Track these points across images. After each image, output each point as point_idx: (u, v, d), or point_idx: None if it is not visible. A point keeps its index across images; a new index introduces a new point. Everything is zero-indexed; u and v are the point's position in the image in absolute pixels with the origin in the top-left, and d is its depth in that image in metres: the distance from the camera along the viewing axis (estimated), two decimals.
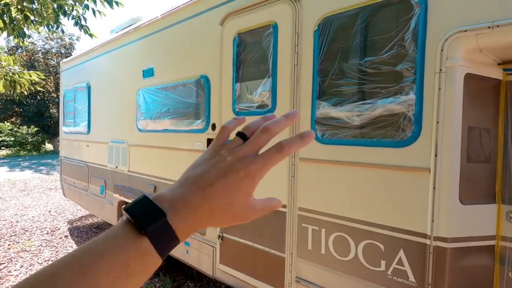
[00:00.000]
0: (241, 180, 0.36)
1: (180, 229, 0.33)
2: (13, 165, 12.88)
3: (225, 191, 0.36)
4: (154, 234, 0.32)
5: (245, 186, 0.37)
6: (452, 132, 1.28)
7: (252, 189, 0.37)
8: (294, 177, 1.80)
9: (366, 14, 1.50)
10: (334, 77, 1.63)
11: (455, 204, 1.28)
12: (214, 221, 0.36)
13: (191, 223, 0.35)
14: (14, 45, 19.28)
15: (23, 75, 3.74)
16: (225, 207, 0.36)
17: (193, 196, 0.35)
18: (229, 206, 0.36)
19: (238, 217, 0.37)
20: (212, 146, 0.41)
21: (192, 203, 0.35)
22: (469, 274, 1.34)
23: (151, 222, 0.32)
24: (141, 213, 0.33)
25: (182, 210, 0.34)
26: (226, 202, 0.36)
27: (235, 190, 0.36)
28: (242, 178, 0.36)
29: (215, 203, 0.35)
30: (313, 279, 1.74)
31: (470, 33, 1.21)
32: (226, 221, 0.37)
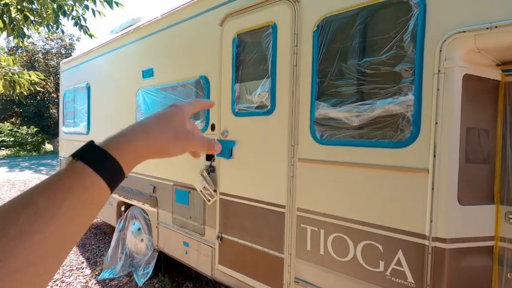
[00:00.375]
0: (170, 109, 0.45)
1: (112, 147, 0.37)
2: (13, 165, 12.88)
3: (158, 117, 0.44)
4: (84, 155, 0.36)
5: (174, 112, 0.45)
6: (450, 133, 1.28)
7: (182, 116, 0.45)
8: (293, 177, 1.80)
9: (365, 15, 1.51)
10: (333, 78, 1.63)
11: (453, 205, 1.28)
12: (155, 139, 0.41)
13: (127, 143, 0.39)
14: (14, 45, 19.29)
15: (23, 76, 3.75)
16: (161, 126, 0.42)
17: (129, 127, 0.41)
18: (164, 124, 0.43)
19: (181, 135, 0.44)
20: None
21: (126, 129, 0.41)
22: (467, 275, 1.34)
23: (81, 149, 0.36)
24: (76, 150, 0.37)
25: (114, 135, 0.39)
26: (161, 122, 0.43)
27: (166, 114, 0.44)
28: (170, 108, 0.46)
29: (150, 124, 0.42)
30: (312, 279, 1.74)
31: (469, 34, 1.21)
32: (169, 137, 0.42)
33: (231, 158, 2.13)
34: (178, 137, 0.44)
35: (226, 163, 2.17)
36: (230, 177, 2.16)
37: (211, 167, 2.31)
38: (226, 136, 2.16)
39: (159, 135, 0.41)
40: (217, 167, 2.24)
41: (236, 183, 2.12)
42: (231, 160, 2.14)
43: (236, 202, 2.12)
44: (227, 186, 2.18)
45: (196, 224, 2.47)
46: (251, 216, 2.02)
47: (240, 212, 2.09)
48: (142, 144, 0.40)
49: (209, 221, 2.36)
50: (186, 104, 0.48)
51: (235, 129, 2.12)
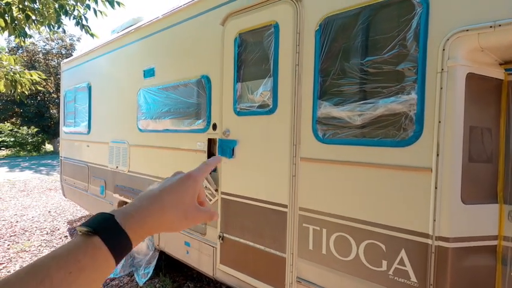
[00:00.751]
0: (185, 181, 0.45)
1: (130, 227, 0.38)
2: (13, 165, 12.88)
3: (172, 190, 0.44)
4: (103, 231, 0.37)
5: (188, 185, 0.45)
6: (454, 132, 1.27)
7: (195, 189, 0.46)
8: (295, 177, 1.80)
9: (367, 14, 1.50)
10: (335, 77, 1.63)
11: (457, 204, 1.28)
12: (166, 220, 0.42)
13: (142, 221, 0.40)
14: (15, 45, 19.31)
15: (24, 75, 3.75)
16: (174, 204, 0.43)
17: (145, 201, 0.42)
18: (177, 203, 0.43)
19: (190, 216, 0.44)
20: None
21: (143, 205, 0.41)
22: (471, 274, 1.33)
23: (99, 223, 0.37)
24: (91, 221, 0.38)
25: (132, 211, 0.40)
26: (175, 199, 0.43)
27: (181, 189, 0.44)
28: (185, 180, 0.45)
29: (165, 202, 0.42)
30: (314, 279, 1.74)
31: (472, 32, 1.21)
32: (178, 219, 0.43)
33: (233, 157, 2.13)
34: (187, 216, 0.44)
35: (227, 162, 2.17)
36: (232, 176, 2.16)
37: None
38: (228, 135, 2.16)
39: (172, 214, 0.43)
40: (219, 167, 2.24)
41: (238, 183, 2.12)
42: (232, 159, 2.13)
43: (238, 201, 2.11)
44: (229, 185, 2.17)
45: (197, 224, 2.46)
46: (253, 215, 2.02)
47: (241, 212, 2.09)
48: (155, 224, 0.42)
49: None
50: (200, 172, 0.48)
51: (237, 129, 2.11)
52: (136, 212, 0.41)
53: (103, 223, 0.38)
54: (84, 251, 0.35)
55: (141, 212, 0.41)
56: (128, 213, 0.40)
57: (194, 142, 2.45)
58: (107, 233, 0.37)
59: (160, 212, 0.42)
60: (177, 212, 0.43)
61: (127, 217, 0.39)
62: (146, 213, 0.41)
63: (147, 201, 0.42)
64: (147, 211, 0.41)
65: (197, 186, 0.46)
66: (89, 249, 0.35)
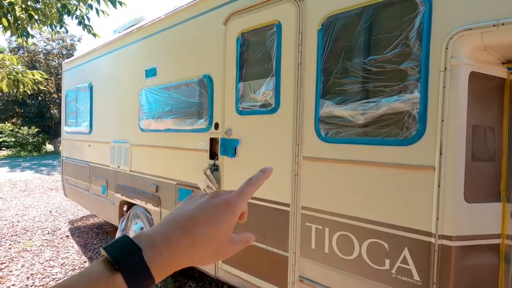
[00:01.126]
0: (222, 211, 0.38)
1: (156, 265, 0.33)
2: (14, 165, 12.89)
3: (206, 222, 0.37)
4: (127, 269, 0.32)
5: (226, 217, 0.38)
6: (457, 131, 1.28)
7: (233, 221, 0.39)
8: (297, 176, 1.80)
9: (370, 13, 1.51)
10: (338, 76, 1.63)
11: (460, 202, 1.28)
12: (196, 257, 0.36)
13: (170, 259, 0.35)
14: (16, 45, 19.34)
15: (26, 75, 3.76)
16: (207, 240, 0.37)
17: (174, 231, 0.36)
18: (211, 238, 0.37)
19: (220, 252, 0.38)
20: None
21: (172, 237, 0.35)
22: (474, 273, 1.33)
23: (125, 257, 0.32)
24: (116, 249, 0.33)
25: (161, 246, 0.34)
26: (208, 234, 0.37)
27: (216, 220, 0.37)
28: (223, 209, 0.38)
29: (197, 236, 0.36)
30: (317, 278, 1.74)
31: (475, 31, 1.21)
32: (208, 255, 0.37)
33: (235, 156, 2.13)
34: (217, 254, 0.38)
35: (230, 162, 2.17)
36: (234, 175, 2.16)
37: (215, 166, 2.31)
38: (230, 135, 2.17)
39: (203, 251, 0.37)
40: (221, 166, 2.24)
41: (240, 182, 2.09)
42: (234, 159, 2.14)
43: None
44: (231, 185, 2.18)
45: None
46: (255, 214, 2.02)
47: None
48: (183, 262, 0.36)
49: None
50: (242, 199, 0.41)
51: (239, 128, 2.12)
52: (164, 247, 0.35)
53: (129, 258, 0.33)
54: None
55: (170, 248, 0.35)
56: (155, 248, 0.34)
57: (196, 142, 2.45)
58: (131, 272, 0.32)
59: (189, 249, 0.36)
60: (209, 249, 0.37)
61: (155, 254, 0.34)
62: (175, 250, 0.35)
63: (177, 234, 0.36)
64: (176, 248, 0.35)
65: (235, 217, 0.40)
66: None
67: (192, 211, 0.38)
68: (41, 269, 3.30)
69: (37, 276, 3.13)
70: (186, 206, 0.40)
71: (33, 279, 3.07)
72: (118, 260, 0.32)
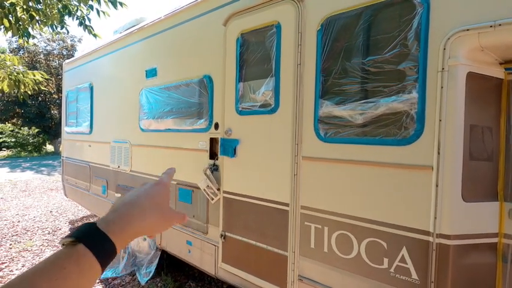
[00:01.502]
0: (156, 186, 0.50)
1: (112, 232, 0.40)
2: (14, 166, 12.90)
3: (148, 195, 0.48)
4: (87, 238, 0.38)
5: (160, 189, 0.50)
6: (454, 131, 1.29)
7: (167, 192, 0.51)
8: (296, 175, 1.81)
9: (369, 14, 1.52)
10: (337, 76, 1.64)
11: (458, 201, 1.29)
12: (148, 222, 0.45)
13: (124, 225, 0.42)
14: (16, 46, 19.37)
15: (27, 75, 3.77)
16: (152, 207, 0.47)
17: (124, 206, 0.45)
18: (156, 206, 0.47)
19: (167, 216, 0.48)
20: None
21: (122, 210, 0.44)
22: (471, 271, 1.34)
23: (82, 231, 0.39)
24: (75, 231, 0.40)
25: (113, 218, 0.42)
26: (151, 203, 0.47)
27: (156, 193, 0.48)
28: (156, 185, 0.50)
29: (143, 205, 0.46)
30: (316, 277, 1.75)
31: (473, 32, 1.22)
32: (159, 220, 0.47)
33: (235, 156, 2.14)
34: (165, 217, 0.48)
35: (229, 162, 2.18)
36: (234, 175, 2.17)
37: (215, 166, 2.32)
38: (230, 135, 2.18)
39: (152, 218, 0.46)
40: (221, 166, 2.26)
41: (240, 182, 2.13)
42: (234, 159, 2.15)
43: (240, 200, 2.13)
44: (231, 184, 2.19)
45: (199, 223, 2.48)
46: (255, 214, 2.03)
47: (243, 211, 2.10)
48: (138, 228, 0.44)
49: (212, 220, 2.37)
50: (168, 179, 0.54)
51: (239, 128, 2.13)
52: (118, 218, 0.43)
53: (86, 231, 0.39)
54: (69, 259, 0.36)
55: (123, 217, 0.43)
56: (110, 220, 0.42)
57: (196, 142, 2.47)
58: (90, 240, 0.38)
59: (141, 216, 0.44)
60: (157, 214, 0.47)
61: (109, 224, 0.41)
62: (127, 218, 0.43)
63: (127, 207, 0.45)
64: (128, 216, 0.43)
65: (168, 190, 0.51)
66: (73, 257, 0.36)
67: (135, 193, 0.48)
68: None
69: None
70: (128, 193, 0.49)
71: None
72: (77, 236, 0.38)
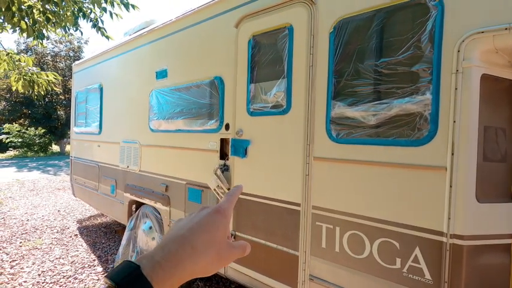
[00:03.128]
0: (214, 216, 0.41)
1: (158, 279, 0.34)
2: (21, 165, 13.06)
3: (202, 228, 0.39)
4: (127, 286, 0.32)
5: (219, 221, 0.41)
6: (468, 132, 1.30)
7: (227, 224, 0.42)
8: (308, 175, 1.83)
9: (382, 17, 1.54)
10: (349, 78, 1.66)
11: (472, 202, 1.30)
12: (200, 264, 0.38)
13: (172, 269, 0.35)
14: (24, 47, 19.65)
15: (41, 76, 3.84)
16: (207, 245, 0.39)
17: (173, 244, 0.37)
18: (210, 243, 0.39)
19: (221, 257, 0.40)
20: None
21: (171, 249, 0.37)
22: (485, 272, 1.35)
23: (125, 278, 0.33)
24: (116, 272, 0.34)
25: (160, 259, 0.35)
26: (206, 239, 0.39)
27: (211, 225, 0.40)
28: (214, 215, 0.41)
29: (196, 243, 0.38)
30: (327, 277, 1.76)
31: (487, 34, 1.24)
32: (212, 261, 0.39)
33: (246, 157, 2.16)
34: (221, 257, 0.40)
35: (240, 162, 2.21)
36: (244, 175, 2.20)
37: (225, 166, 2.34)
38: (241, 135, 2.20)
39: (206, 258, 0.38)
40: (232, 166, 2.28)
41: (250, 182, 2.15)
42: (245, 159, 2.17)
43: (250, 200, 2.15)
44: (241, 184, 2.21)
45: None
46: (265, 214, 2.05)
47: (254, 210, 2.12)
48: (187, 272, 0.37)
49: None
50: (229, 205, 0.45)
51: (250, 129, 2.15)
52: (164, 259, 0.35)
53: (128, 278, 0.33)
54: None
55: (171, 259, 0.36)
56: (156, 262, 0.35)
57: (206, 142, 2.49)
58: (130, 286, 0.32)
59: (192, 257, 0.37)
60: (212, 253, 0.39)
61: (155, 268, 0.34)
62: (176, 260, 0.36)
63: (176, 245, 0.37)
64: (177, 258, 0.36)
65: (227, 221, 0.43)
66: None
67: (187, 223, 0.40)
68: (51, 266, 3.35)
69: (48, 274, 3.18)
70: (180, 222, 0.41)
71: (44, 276, 3.13)
72: (117, 281, 0.33)
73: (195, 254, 0.37)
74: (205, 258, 0.38)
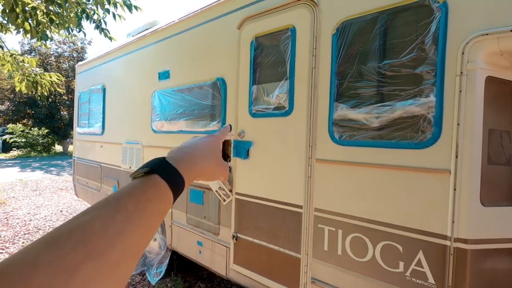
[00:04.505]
0: (209, 138, 0.58)
1: (181, 167, 0.45)
2: (24, 165, 13.13)
3: (205, 144, 0.55)
4: (161, 170, 0.42)
5: (213, 141, 0.58)
6: (473, 134, 1.29)
7: (220, 145, 0.60)
8: (310, 178, 1.82)
9: (385, 18, 1.53)
10: (352, 80, 1.65)
11: (476, 205, 1.29)
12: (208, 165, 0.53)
13: (190, 163, 0.48)
14: (28, 48, 19.79)
15: (44, 77, 3.86)
16: (211, 153, 0.55)
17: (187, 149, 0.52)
18: (213, 153, 0.55)
19: (220, 164, 0.57)
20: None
21: (187, 151, 0.51)
22: (489, 277, 1.33)
23: (156, 164, 0.44)
24: (148, 163, 0.44)
25: (180, 156, 0.49)
26: (210, 150, 0.55)
27: (211, 144, 0.56)
28: (209, 137, 0.58)
29: (204, 150, 0.54)
30: (329, 280, 1.75)
31: (492, 36, 1.23)
32: (215, 165, 0.55)
33: (248, 158, 2.16)
34: (219, 164, 0.56)
35: (242, 163, 2.20)
36: (246, 177, 2.19)
37: (217, 133, 2.33)
38: (243, 137, 2.20)
39: (211, 161, 0.54)
40: (234, 167, 2.28)
41: (252, 183, 2.15)
42: (247, 160, 2.17)
43: (252, 202, 2.14)
44: (243, 186, 2.21)
45: (210, 224, 2.50)
46: (267, 216, 2.04)
47: (256, 212, 2.12)
48: (200, 169, 0.50)
49: (224, 221, 2.39)
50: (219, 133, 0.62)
51: (252, 130, 2.15)
52: (184, 156, 0.48)
53: (159, 164, 0.43)
54: (148, 184, 0.40)
55: (188, 157, 0.49)
56: (177, 158, 0.47)
57: None
58: (164, 171, 0.42)
59: (203, 158, 0.52)
60: (214, 159, 0.54)
61: (177, 160, 0.46)
62: (192, 158, 0.49)
63: (189, 149, 0.51)
64: (193, 157, 0.50)
65: (220, 143, 0.60)
66: (152, 183, 0.40)
67: (191, 140, 0.56)
68: None
69: None
70: (186, 141, 0.55)
71: None
72: (151, 166, 0.42)
73: (203, 156, 0.52)
74: (210, 161, 0.53)
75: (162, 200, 0.40)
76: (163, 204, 0.40)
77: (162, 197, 0.40)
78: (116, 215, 0.33)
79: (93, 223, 0.31)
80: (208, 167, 0.52)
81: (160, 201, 0.40)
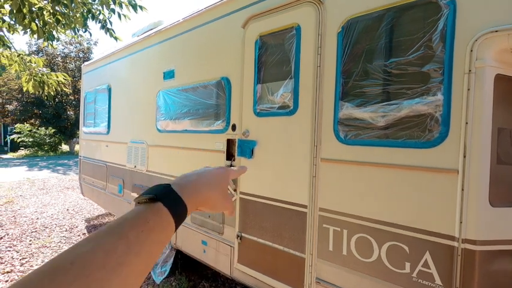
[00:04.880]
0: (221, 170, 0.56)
1: (185, 195, 0.45)
2: (31, 164, 13.31)
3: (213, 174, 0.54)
4: (164, 197, 0.42)
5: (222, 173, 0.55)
6: (481, 134, 1.26)
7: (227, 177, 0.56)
8: (315, 177, 1.81)
9: (392, 16, 1.51)
10: (358, 78, 1.63)
11: (485, 206, 1.26)
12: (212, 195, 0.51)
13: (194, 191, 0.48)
14: (35, 49, 20.04)
15: (51, 77, 3.90)
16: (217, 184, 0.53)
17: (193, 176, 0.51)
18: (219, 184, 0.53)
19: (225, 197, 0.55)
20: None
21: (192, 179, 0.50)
22: (498, 278, 1.31)
23: (159, 191, 0.43)
24: (152, 190, 0.44)
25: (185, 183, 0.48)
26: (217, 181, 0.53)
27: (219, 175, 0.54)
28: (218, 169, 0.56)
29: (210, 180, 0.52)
30: (334, 280, 1.73)
31: (502, 33, 1.20)
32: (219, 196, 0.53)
33: (252, 157, 2.15)
34: (224, 197, 0.54)
35: (247, 163, 2.20)
36: (250, 176, 2.18)
37: (232, 167, 2.33)
38: (248, 136, 2.19)
39: (216, 192, 0.52)
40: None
41: (257, 183, 2.14)
42: (251, 160, 2.16)
43: (257, 201, 2.13)
44: (248, 185, 2.20)
45: (215, 223, 2.50)
46: (272, 215, 2.04)
47: (260, 212, 2.11)
48: (204, 198, 0.49)
49: (228, 220, 2.39)
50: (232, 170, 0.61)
51: (257, 129, 2.14)
52: (189, 184, 0.48)
53: (163, 191, 0.43)
54: (151, 214, 0.39)
55: (193, 185, 0.48)
56: (182, 185, 0.46)
57: (213, 142, 2.49)
58: (167, 199, 0.42)
59: (207, 187, 0.50)
60: (219, 189, 0.53)
61: (181, 187, 0.46)
62: (197, 186, 0.49)
63: (196, 177, 0.50)
64: (197, 184, 0.49)
65: (228, 177, 0.57)
66: (155, 211, 0.40)
67: (199, 169, 0.55)
68: None
69: None
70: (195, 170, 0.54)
71: None
72: (155, 193, 0.42)
73: (208, 184, 0.51)
74: (215, 192, 0.52)
75: (164, 228, 0.40)
76: (164, 234, 0.40)
77: (165, 224, 0.40)
78: (118, 246, 0.33)
79: (95, 254, 0.32)
80: (212, 196, 0.51)
81: (162, 230, 0.39)
